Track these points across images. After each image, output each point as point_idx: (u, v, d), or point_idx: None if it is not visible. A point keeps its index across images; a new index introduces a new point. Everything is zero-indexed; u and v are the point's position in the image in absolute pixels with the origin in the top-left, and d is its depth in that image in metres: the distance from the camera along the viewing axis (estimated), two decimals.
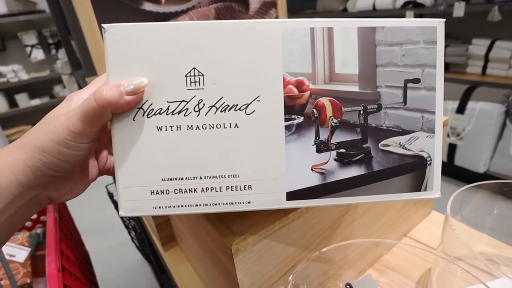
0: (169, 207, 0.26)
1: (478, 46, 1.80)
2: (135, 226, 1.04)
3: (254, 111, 0.25)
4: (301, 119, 0.26)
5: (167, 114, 0.25)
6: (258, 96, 0.25)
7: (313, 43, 0.25)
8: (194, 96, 0.25)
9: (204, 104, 0.25)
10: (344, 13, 2.38)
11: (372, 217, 0.42)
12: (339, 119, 0.26)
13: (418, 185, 0.28)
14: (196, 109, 0.25)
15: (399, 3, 2.03)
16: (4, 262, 0.47)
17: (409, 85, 0.27)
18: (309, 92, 0.26)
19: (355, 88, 0.26)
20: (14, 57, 2.84)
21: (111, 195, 1.20)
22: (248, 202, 0.26)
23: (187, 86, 0.25)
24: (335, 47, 0.26)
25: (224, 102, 0.25)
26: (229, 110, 0.25)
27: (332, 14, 2.46)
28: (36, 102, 2.80)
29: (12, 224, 0.24)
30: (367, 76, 0.26)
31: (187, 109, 0.25)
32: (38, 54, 2.82)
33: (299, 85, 0.26)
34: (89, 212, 1.77)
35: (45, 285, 0.49)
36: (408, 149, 0.27)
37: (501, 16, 1.59)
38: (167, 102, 0.25)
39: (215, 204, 0.26)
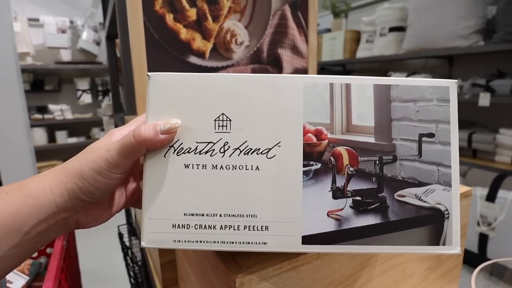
0: (188, 241, 0.27)
1: (507, 135, 1.82)
2: (136, 275, 1.02)
3: (275, 155, 0.27)
4: (318, 165, 0.27)
5: (195, 154, 0.27)
6: (280, 142, 0.27)
7: (332, 97, 0.28)
8: (221, 138, 0.27)
9: (229, 146, 0.27)
10: None
11: (389, 282, 0.40)
12: (355, 168, 0.28)
13: (436, 239, 0.28)
14: (222, 150, 0.27)
15: None
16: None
17: (423, 139, 0.28)
18: (327, 140, 0.28)
19: (371, 139, 0.28)
20: (65, 98, 3.16)
21: (121, 236, 1.20)
22: (264, 243, 0.27)
23: (215, 129, 0.27)
24: (352, 101, 0.28)
25: (247, 146, 0.27)
26: (251, 153, 0.27)
27: None
28: (73, 140, 3.02)
29: (38, 241, 0.26)
30: (382, 128, 0.28)
31: (214, 150, 0.27)
32: (86, 98, 3.13)
33: (318, 134, 0.28)
34: (93, 255, 1.76)
35: None
36: (425, 201, 0.28)
37: None
38: (196, 142, 0.27)
39: (232, 243, 0.27)
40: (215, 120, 0.27)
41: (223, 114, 0.27)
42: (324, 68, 3.13)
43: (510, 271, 0.40)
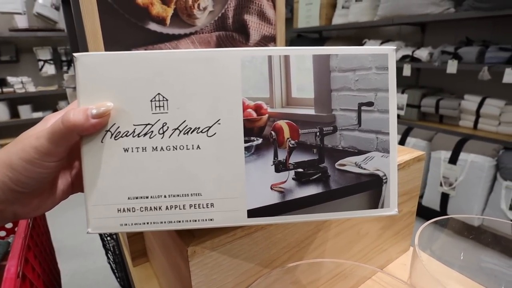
0: (135, 224, 0.27)
1: (470, 101, 1.90)
2: (114, 247, 1.04)
3: (215, 133, 0.27)
4: (260, 140, 0.28)
5: (133, 137, 0.27)
6: (219, 119, 0.27)
7: (271, 70, 0.27)
8: (159, 119, 0.27)
9: (168, 127, 0.27)
10: None
11: (344, 243, 0.43)
12: (297, 141, 0.28)
13: (375, 202, 0.29)
14: (161, 131, 0.27)
15: (398, 56, 2.17)
16: None
17: (363, 108, 0.28)
18: (267, 115, 0.27)
19: (311, 111, 0.28)
20: (25, 69, 2.95)
21: None
22: (211, 219, 0.28)
23: (152, 110, 0.27)
24: (291, 73, 0.28)
25: (187, 125, 0.27)
26: (191, 133, 0.27)
27: None
28: (38, 114, 2.87)
29: None
30: (322, 100, 0.28)
31: (152, 131, 0.27)
32: (49, 69, 2.93)
33: (258, 109, 0.27)
34: (71, 232, 1.78)
35: None
36: (364, 168, 0.29)
37: (490, 76, 1.67)
38: (133, 125, 0.27)
39: (179, 221, 0.28)
40: (151, 100, 0.27)
41: (159, 94, 0.27)
42: (301, 35, 3.07)
43: (452, 221, 0.44)
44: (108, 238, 1.04)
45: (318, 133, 0.28)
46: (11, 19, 2.77)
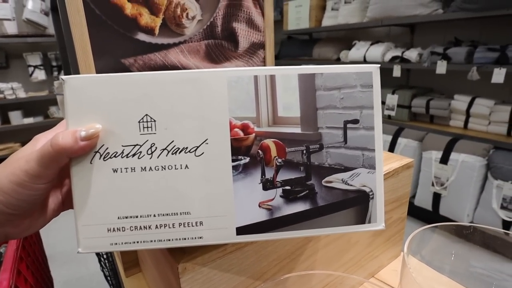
0: (125, 243, 0.28)
1: (460, 101, 1.93)
2: (107, 254, 1.03)
3: (203, 153, 0.27)
4: (247, 159, 0.28)
5: (122, 157, 0.27)
6: (207, 139, 0.27)
7: (257, 89, 0.28)
8: (147, 140, 0.27)
9: (156, 148, 0.27)
10: (337, 62, 2.54)
11: (335, 252, 0.43)
12: (283, 159, 0.28)
13: (362, 218, 0.30)
14: (149, 152, 0.27)
15: (388, 57, 2.19)
16: None
17: (348, 125, 0.29)
18: (254, 134, 0.28)
19: (297, 130, 0.28)
20: (15, 75, 2.93)
21: None
22: (200, 237, 0.28)
23: (140, 131, 0.27)
24: (277, 92, 0.28)
25: (175, 145, 0.27)
26: (179, 153, 0.27)
27: (327, 62, 2.64)
28: (29, 120, 2.85)
29: None
30: (308, 118, 0.28)
31: (141, 152, 0.27)
32: (39, 75, 2.91)
33: (245, 128, 0.28)
34: (64, 238, 1.76)
35: None
36: (351, 185, 0.29)
37: (479, 76, 1.69)
38: (122, 146, 0.27)
39: (169, 240, 0.28)
40: (139, 122, 0.27)
41: (146, 115, 0.27)
42: (291, 37, 3.08)
43: (442, 226, 0.44)
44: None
45: (304, 151, 0.28)
46: (0, 25, 2.74)
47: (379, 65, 0.29)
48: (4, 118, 2.82)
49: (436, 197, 1.90)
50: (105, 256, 1.08)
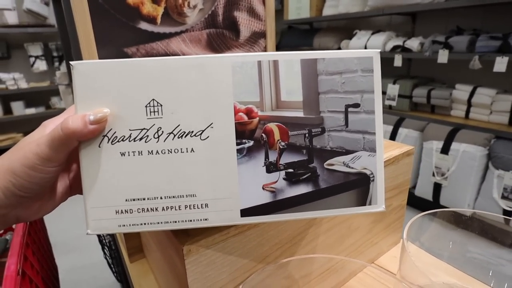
0: (132, 225, 0.29)
1: (461, 91, 1.91)
2: (110, 242, 1.05)
3: (208, 136, 0.28)
4: (251, 143, 0.29)
5: (129, 141, 0.28)
6: (212, 123, 0.28)
7: (260, 75, 0.28)
8: (154, 124, 0.28)
9: (163, 132, 0.28)
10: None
11: (336, 237, 0.44)
12: (286, 142, 0.29)
13: (363, 200, 0.30)
14: (156, 136, 0.28)
15: (389, 47, 2.16)
16: None
17: (349, 109, 0.29)
18: (257, 118, 0.29)
19: (300, 113, 0.29)
20: (17, 66, 2.93)
21: None
22: (205, 219, 0.29)
23: (147, 115, 0.28)
24: (280, 77, 0.29)
25: (181, 129, 0.28)
26: (185, 136, 0.28)
27: None
28: (31, 111, 2.86)
29: None
30: (310, 102, 0.29)
31: (148, 136, 0.28)
32: (41, 65, 2.91)
33: (249, 112, 0.28)
34: (67, 227, 1.79)
35: None
36: (352, 167, 0.30)
37: (481, 65, 1.67)
38: (129, 130, 0.28)
39: (175, 222, 0.29)
40: (146, 106, 0.27)
41: (153, 99, 0.27)
42: (291, 27, 3.06)
43: (441, 212, 0.45)
44: (104, 233, 1.05)
45: (307, 135, 0.29)
46: (1, 16, 2.73)
47: (380, 50, 0.29)
48: (6, 109, 2.83)
49: (437, 187, 1.91)
50: (108, 244, 1.10)
